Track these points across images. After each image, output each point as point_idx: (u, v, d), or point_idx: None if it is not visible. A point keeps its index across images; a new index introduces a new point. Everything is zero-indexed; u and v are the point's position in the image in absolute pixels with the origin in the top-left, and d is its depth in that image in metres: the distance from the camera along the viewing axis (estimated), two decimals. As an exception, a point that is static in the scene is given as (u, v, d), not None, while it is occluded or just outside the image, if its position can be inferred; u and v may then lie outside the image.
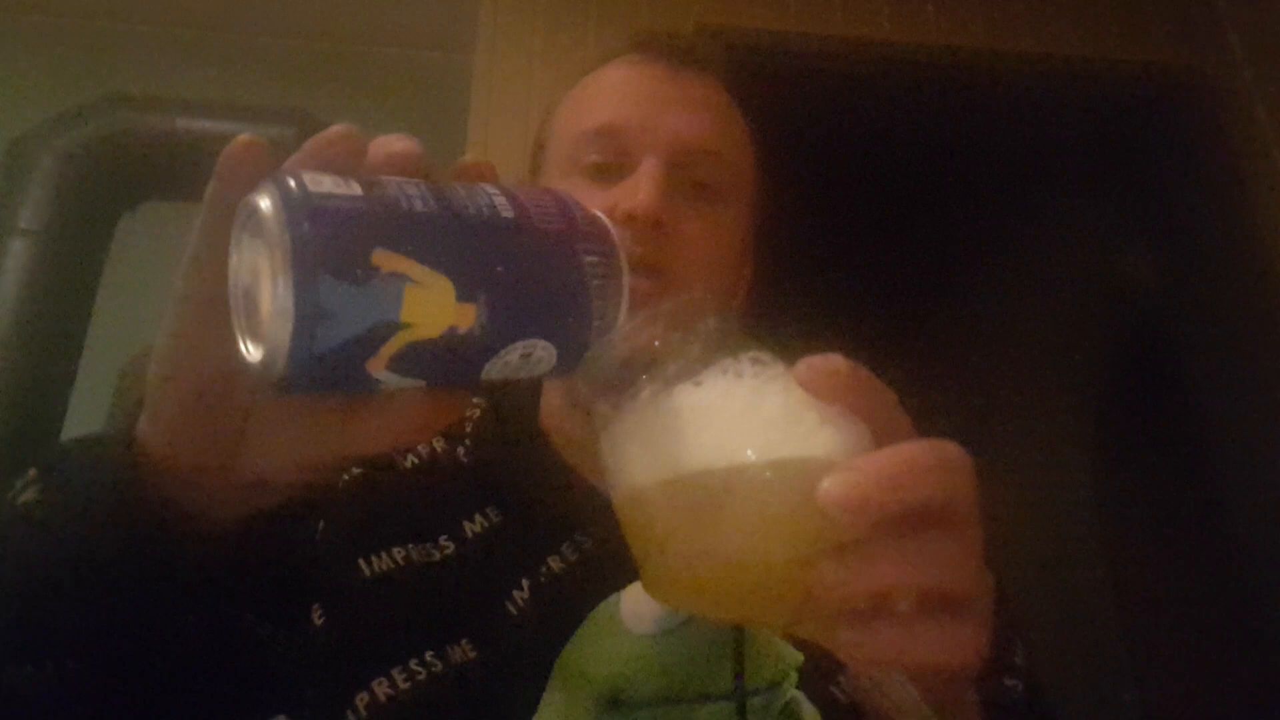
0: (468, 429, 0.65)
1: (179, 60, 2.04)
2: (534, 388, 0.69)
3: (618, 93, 0.65)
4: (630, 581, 0.52)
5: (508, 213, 0.32)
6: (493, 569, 0.56)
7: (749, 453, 0.31)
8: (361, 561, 0.56)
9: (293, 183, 0.29)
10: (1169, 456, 2.02)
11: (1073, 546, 2.34)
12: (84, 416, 1.67)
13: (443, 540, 0.58)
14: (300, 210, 0.28)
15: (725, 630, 0.49)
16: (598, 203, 0.56)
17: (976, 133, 2.04)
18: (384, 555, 0.56)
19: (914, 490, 0.30)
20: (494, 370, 0.32)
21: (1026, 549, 2.44)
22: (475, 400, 0.66)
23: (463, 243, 0.31)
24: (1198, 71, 1.88)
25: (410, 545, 0.57)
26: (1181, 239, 1.93)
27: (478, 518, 0.59)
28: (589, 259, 0.34)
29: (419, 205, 0.30)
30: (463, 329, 0.30)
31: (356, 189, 0.30)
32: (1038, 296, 2.54)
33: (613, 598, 0.52)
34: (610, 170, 0.62)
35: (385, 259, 0.29)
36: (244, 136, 0.35)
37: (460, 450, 0.64)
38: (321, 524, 0.58)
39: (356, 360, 0.29)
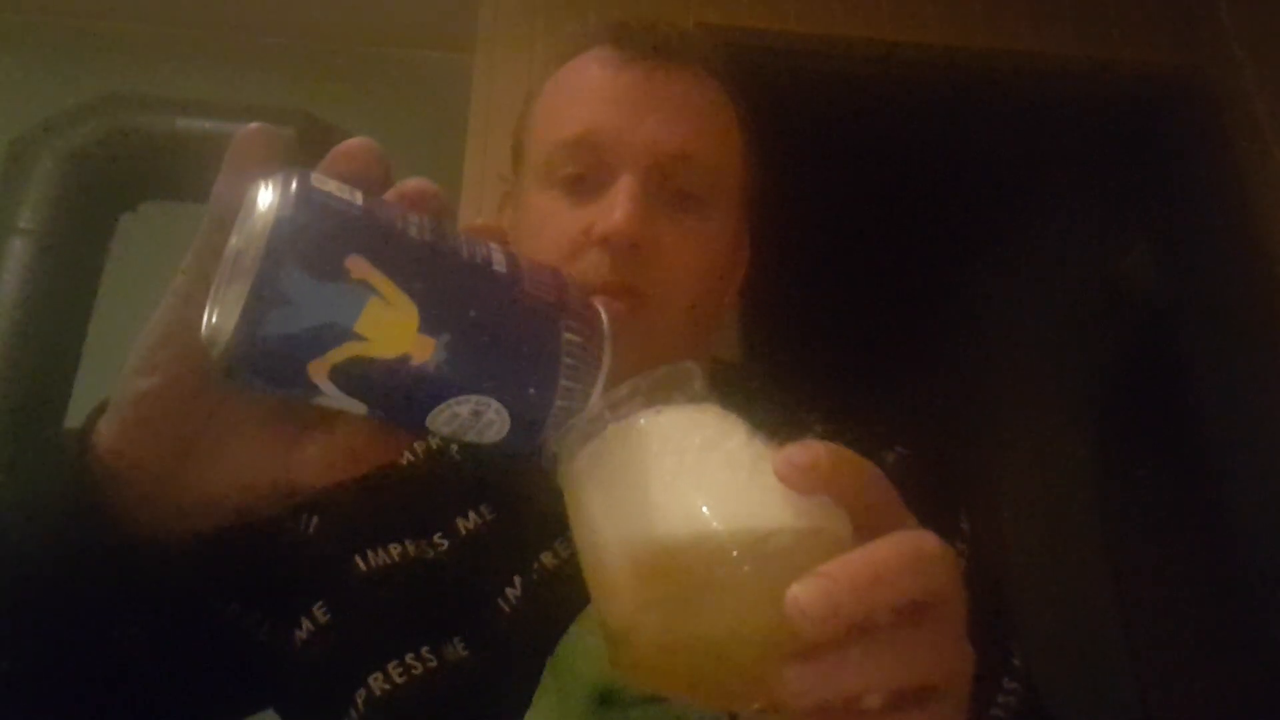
0: None
1: (179, 60, 2.04)
2: None
3: (593, 98, 0.62)
4: None
5: (500, 268, 0.32)
6: (485, 566, 0.56)
7: (723, 533, 0.30)
8: (358, 557, 0.56)
9: (298, 176, 0.29)
10: (1170, 457, 2.02)
11: (1073, 546, 2.34)
12: (84, 416, 1.67)
13: (437, 538, 0.57)
14: (293, 198, 0.29)
15: None
16: (574, 222, 0.58)
17: (977, 133, 2.04)
18: (380, 551, 0.57)
19: (887, 593, 0.30)
20: (440, 419, 0.31)
21: (1027, 549, 2.45)
22: None
23: (442, 277, 0.30)
24: (1198, 72, 1.88)
25: (407, 541, 0.57)
26: (1182, 239, 1.93)
27: (471, 515, 0.59)
28: (569, 335, 0.33)
29: (412, 231, 0.30)
30: (417, 361, 0.29)
31: (358, 199, 0.30)
32: (1038, 297, 2.55)
33: None
34: (587, 183, 0.59)
35: (357, 266, 0.28)
36: (256, 125, 0.35)
37: (453, 447, 0.63)
38: (315, 520, 0.58)
39: (300, 357, 0.28)
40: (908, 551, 0.30)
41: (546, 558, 0.55)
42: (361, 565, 0.56)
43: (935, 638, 0.31)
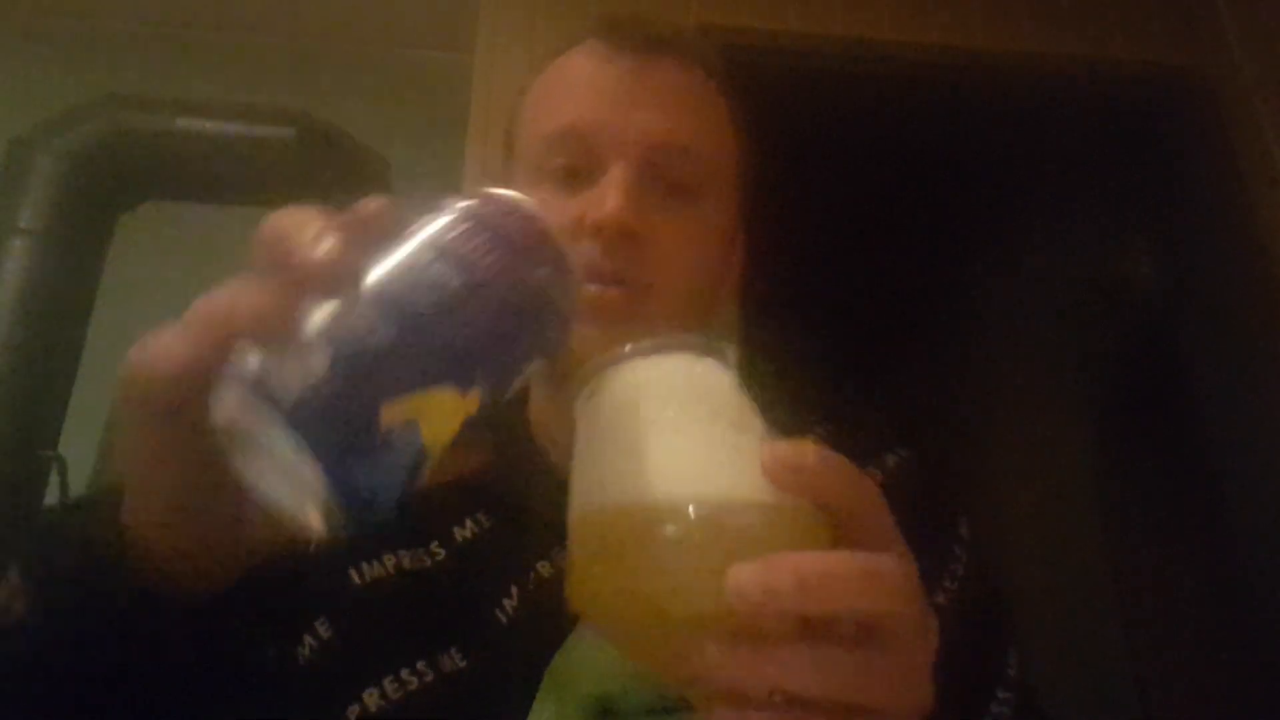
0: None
1: (179, 60, 2.04)
2: (521, 390, 0.66)
3: (582, 90, 0.61)
4: None
5: (454, 280, 0.31)
6: (483, 576, 0.55)
7: (683, 495, 0.30)
8: (353, 570, 0.55)
9: (266, 400, 0.28)
10: (1170, 457, 2.02)
11: (1073, 546, 2.34)
12: (84, 416, 1.67)
13: (434, 546, 0.56)
14: (295, 416, 0.27)
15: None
16: (566, 213, 0.56)
17: (977, 133, 2.04)
18: (375, 563, 0.56)
19: (832, 600, 0.29)
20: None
21: (1027, 549, 2.45)
22: None
23: (438, 344, 0.30)
24: (1198, 72, 1.88)
25: (402, 551, 0.56)
26: (1182, 239, 1.93)
27: (468, 523, 0.58)
28: (540, 271, 0.34)
29: (380, 333, 0.29)
30: (474, 410, 0.32)
31: (317, 364, 0.28)
32: (1038, 296, 2.54)
33: None
34: (578, 175, 0.59)
35: (389, 412, 0.28)
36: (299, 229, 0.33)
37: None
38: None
39: (407, 491, 0.30)
40: (868, 568, 0.30)
41: (544, 567, 0.55)
42: (357, 579, 0.55)
43: (883, 664, 0.31)
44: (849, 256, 2.34)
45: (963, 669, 0.49)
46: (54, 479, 1.46)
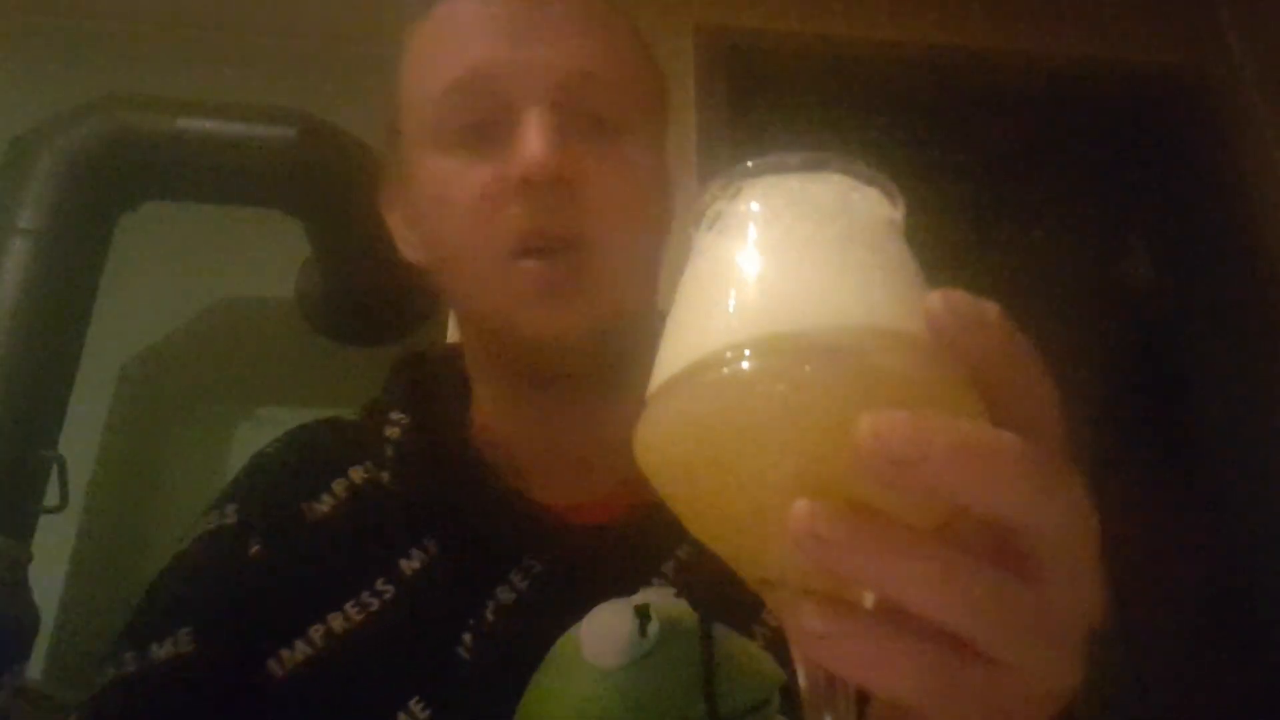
0: (389, 451, 0.55)
1: (179, 60, 2.04)
2: (462, 397, 0.61)
3: (473, 32, 0.52)
4: (589, 606, 0.46)
5: None
6: (438, 609, 0.49)
7: (808, 325, 0.24)
8: (300, 641, 0.49)
9: None
10: (1169, 457, 2.02)
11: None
12: (84, 416, 1.67)
13: (380, 584, 0.50)
14: None
15: (695, 656, 0.44)
16: (480, 179, 0.49)
17: (976, 133, 2.03)
18: (317, 625, 0.49)
19: (990, 488, 0.22)
20: None
21: (1026, 549, 2.44)
22: (395, 415, 0.56)
23: None
24: (1198, 72, 1.88)
25: (348, 605, 0.49)
26: (1182, 239, 1.93)
27: (415, 553, 0.51)
28: None
29: None
30: None
31: None
32: (1037, 296, 2.54)
33: (572, 630, 0.46)
34: (486, 131, 0.51)
35: None
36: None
37: (384, 476, 0.55)
38: (292, 648, 0.49)
39: None
40: (1047, 471, 0.23)
41: (503, 592, 0.50)
42: (277, 669, 0.48)
43: (1032, 602, 0.23)
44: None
45: None
46: (54, 479, 1.46)
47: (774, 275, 0.26)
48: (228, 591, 0.51)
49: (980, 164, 2.12)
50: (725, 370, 0.24)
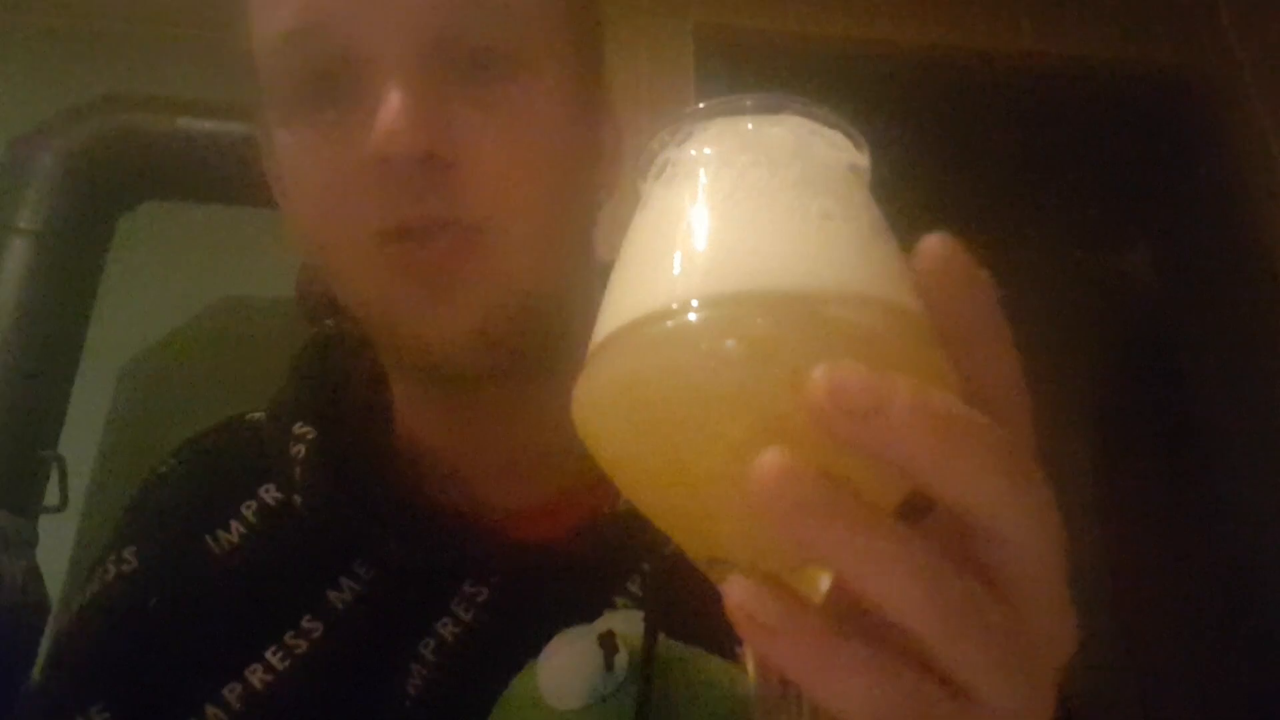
0: (296, 470, 0.47)
1: (179, 60, 2.04)
2: (380, 391, 0.52)
3: None
4: (546, 637, 0.42)
5: None
6: (376, 645, 0.43)
7: (758, 285, 0.22)
8: (226, 693, 0.42)
9: None
10: (1169, 457, 2.02)
11: (1073, 546, 2.34)
12: (84, 416, 1.67)
13: (306, 622, 0.44)
14: None
15: (666, 689, 0.39)
16: (337, 152, 0.40)
17: (976, 133, 2.03)
18: (232, 684, 0.43)
19: (937, 457, 0.19)
20: None
21: (1026, 549, 2.44)
22: (298, 428, 0.49)
23: None
24: (1198, 72, 1.88)
25: (268, 653, 0.43)
26: (1182, 239, 1.93)
27: (344, 582, 0.45)
28: None
29: None
30: None
31: None
32: (1038, 296, 2.54)
33: (528, 669, 0.41)
34: (340, 87, 0.40)
35: None
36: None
37: (295, 499, 0.47)
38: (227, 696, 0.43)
39: None
40: (1017, 453, 0.20)
41: (445, 628, 0.43)
42: (213, 716, 0.42)
43: (998, 613, 0.20)
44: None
45: None
46: (54, 479, 1.46)
47: (725, 225, 0.23)
48: (134, 656, 0.45)
49: (980, 164, 2.12)
50: (670, 324, 0.22)
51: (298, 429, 0.49)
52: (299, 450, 0.48)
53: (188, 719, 0.42)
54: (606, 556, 0.44)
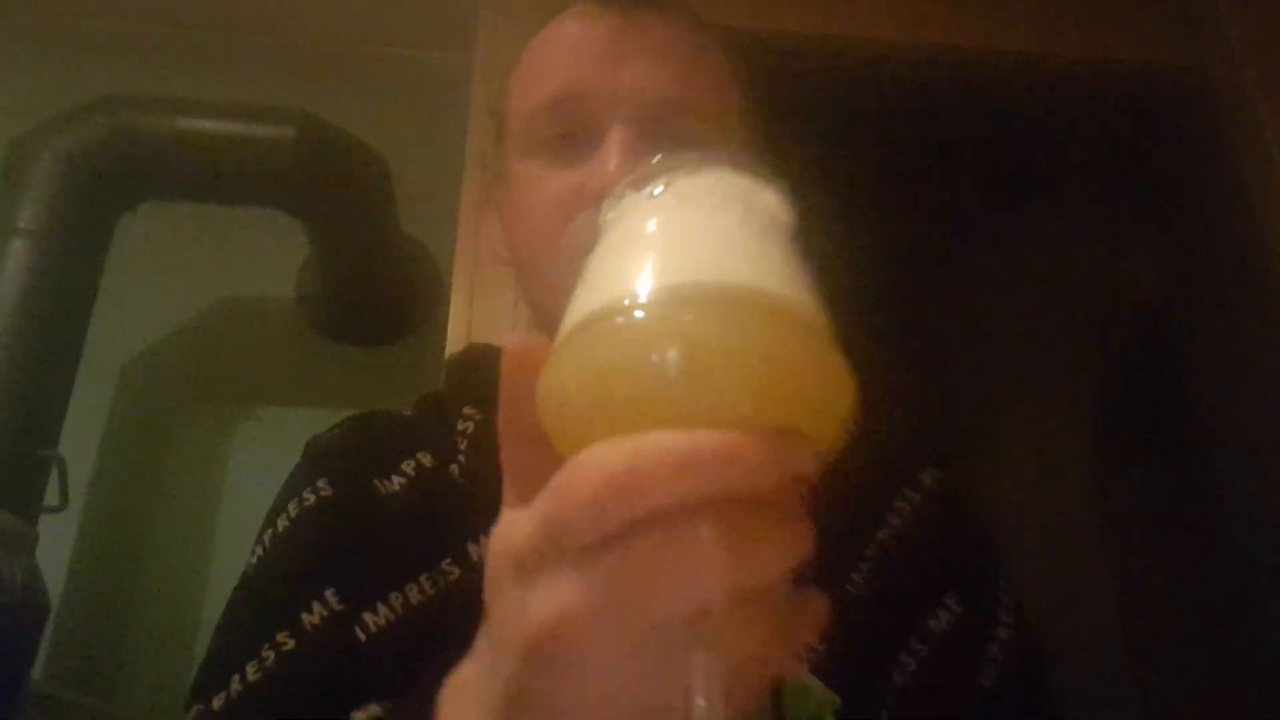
0: (462, 445, 0.59)
1: (179, 60, 2.04)
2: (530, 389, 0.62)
3: (571, 53, 0.58)
4: None
5: None
6: None
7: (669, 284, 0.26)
8: (357, 628, 0.52)
9: None
10: (1170, 457, 2.02)
11: (1073, 546, 2.34)
12: (84, 416, 1.67)
13: (447, 564, 0.53)
14: None
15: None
16: (564, 184, 0.54)
17: (977, 133, 2.03)
18: (380, 607, 0.52)
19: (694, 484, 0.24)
20: None
21: (1027, 549, 2.44)
22: (468, 410, 0.61)
23: None
24: (1198, 72, 1.88)
25: (407, 585, 0.53)
26: (1182, 239, 1.93)
27: (482, 539, 0.53)
28: None
29: None
30: None
31: None
32: (1038, 297, 2.54)
33: None
34: (575, 143, 0.56)
35: None
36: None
37: (454, 468, 0.58)
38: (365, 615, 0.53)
39: None
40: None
41: None
42: (360, 635, 0.52)
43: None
44: (848, 255, 2.34)
45: None
46: (54, 479, 1.46)
47: (673, 239, 0.28)
48: (346, 554, 0.54)
49: (980, 164, 2.12)
50: (619, 319, 0.26)
51: (467, 410, 0.60)
52: (467, 426, 0.59)
53: (356, 617, 0.51)
54: None
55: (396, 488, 0.57)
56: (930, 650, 0.54)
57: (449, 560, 0.53)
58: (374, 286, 1.92)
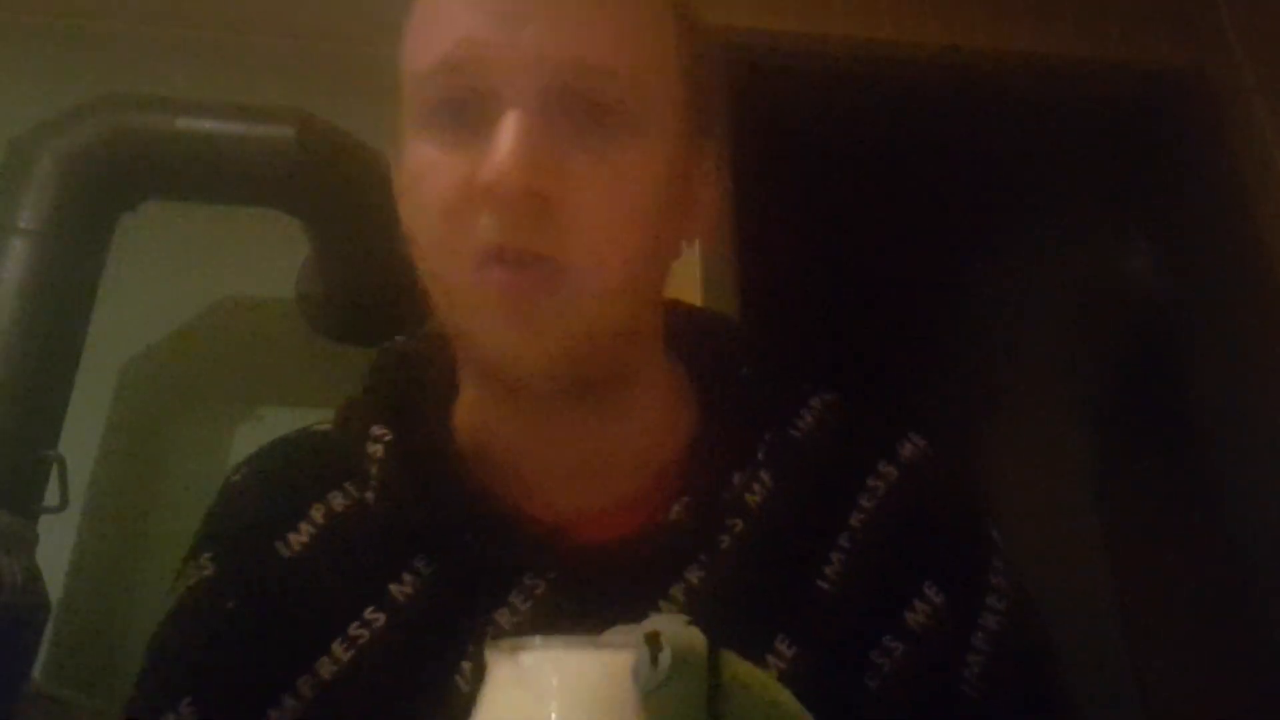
0: (372, 470, 0.52)
1: (179, 60, 2.04)
2: (448, 397, 0.57)
3: (462, 6, 0.47)
4: (599, 626, 0.44)
5: None
6: (434, 636, 0.47)
7: None
8: (301, 681, 0.47)
9: None
10: (1170, 457, 2.02)
11: (1073, 546, 2.34)
12: (84, 416, 1.67)
13: (369, 613, 0.48)
14: None
15: (702, 686, 0.43)
16: (452, 172, 0.45)
17: (977, 133, 2.03)
18: (284, 701, 0.47)
19: None
20: None
21: (1027, 549, 2.44)
22: (377, 431, 0.53)
23: None
24: (1198, 72, 1.88)
25: (334, 643, 0.47)
26: (1183, 240, 1.93)
27: (406, 577, 0.49)
28: None
29: None
30: None
31: None
32: (1039, 297, 2.54)
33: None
34: (468, 115, 0.45)
35: None
36: None
37: (368, 497, 0.52)
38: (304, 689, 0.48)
39: None
40: None
41: (504, 616, 0.47)
42: (289, 706, 0.47)
43: None
44: (849, 256, 2.34)
45: None
46: (54, 479, 1.46)
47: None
48: (216, 655, 0.50)
49: (980, 164, 2.12)
50: None
51: (375, 430, 0.53)
52: (376, 450, 0.52)
53: (267, 711, 0.46)
54: (654, 563, 0.49)
55: (305, 540, 0.51)
56: (906, 648, 0.49)
57: (371, 608, 0.48)
58: (374, 286, 1.92)
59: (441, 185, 0.46)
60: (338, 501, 0.53)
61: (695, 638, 0.43)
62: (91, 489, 1.79)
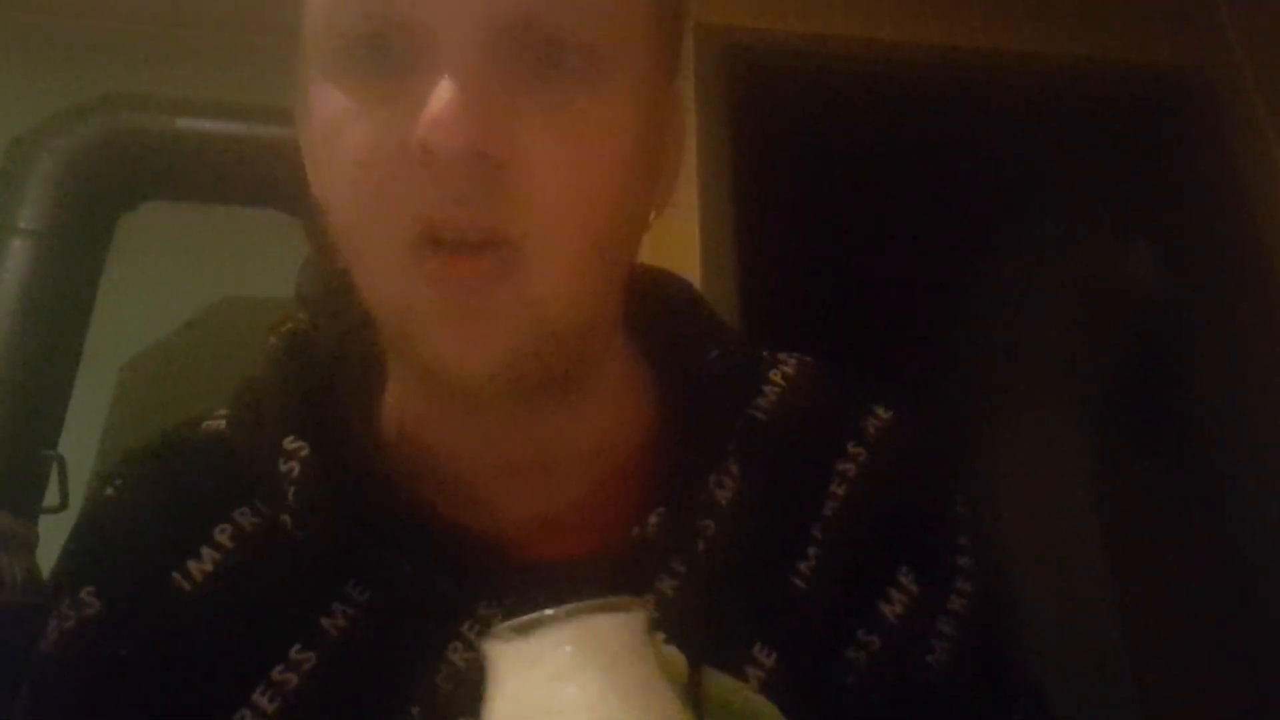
0: (290, 491, 0.42)
1: (179, 60, 2.04)
2: (366, 402, 0.47)
3: None
4: None
5: None
6: (376, 674, 0.39)
7: None
8: None
9: None
10: (1170, 457, 2.02)
11: (1073, 546, 2.34)
12: (84, 416, 1.67)
13: (295, 653, 0.39)
14: None
15: (680, 685, 0.40)
16: (378, 131, 0.35)
17: (977, 133, 2.04)
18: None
19: None
20: None
21: (1027, 549, 2.45)
22: (289, 444, 0.43)
23: None
24: (1198, 72, 1.88)
25: (255, 691, 0.39)
26: (1183, 240, 1.93)
27: (336, 607, 0.40)
28: None
29: None
30: None
31: None
32: (1039, 297, 2.54)
33: None
34: (394, 56, 0.35)
35: None
36: None
37: (286, 519, 0.42)
38: None
39: None
40: None
41: (455, 653, 0.39)
42: None
43: None
44: (849, 255, 2.34)
45: None
46: (54, 479, 1.46)
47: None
48: (110, 714, 0.41)
49: (981, 164, 2.12)
50: None
51: (289, 444, 0.42)
52: (292, 468, 0.42)
53: None
54: (622, 577, 0.41)
55: (209, 569, 0.42)
56: (882, 641, 0.45)
57: (298, 647, 0.40)
58: (374, 286, 1.91)
59: (361, 145, 0.36)
60: (246, 520, 0.43)
61: (672, 655, 0.40)
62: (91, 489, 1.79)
